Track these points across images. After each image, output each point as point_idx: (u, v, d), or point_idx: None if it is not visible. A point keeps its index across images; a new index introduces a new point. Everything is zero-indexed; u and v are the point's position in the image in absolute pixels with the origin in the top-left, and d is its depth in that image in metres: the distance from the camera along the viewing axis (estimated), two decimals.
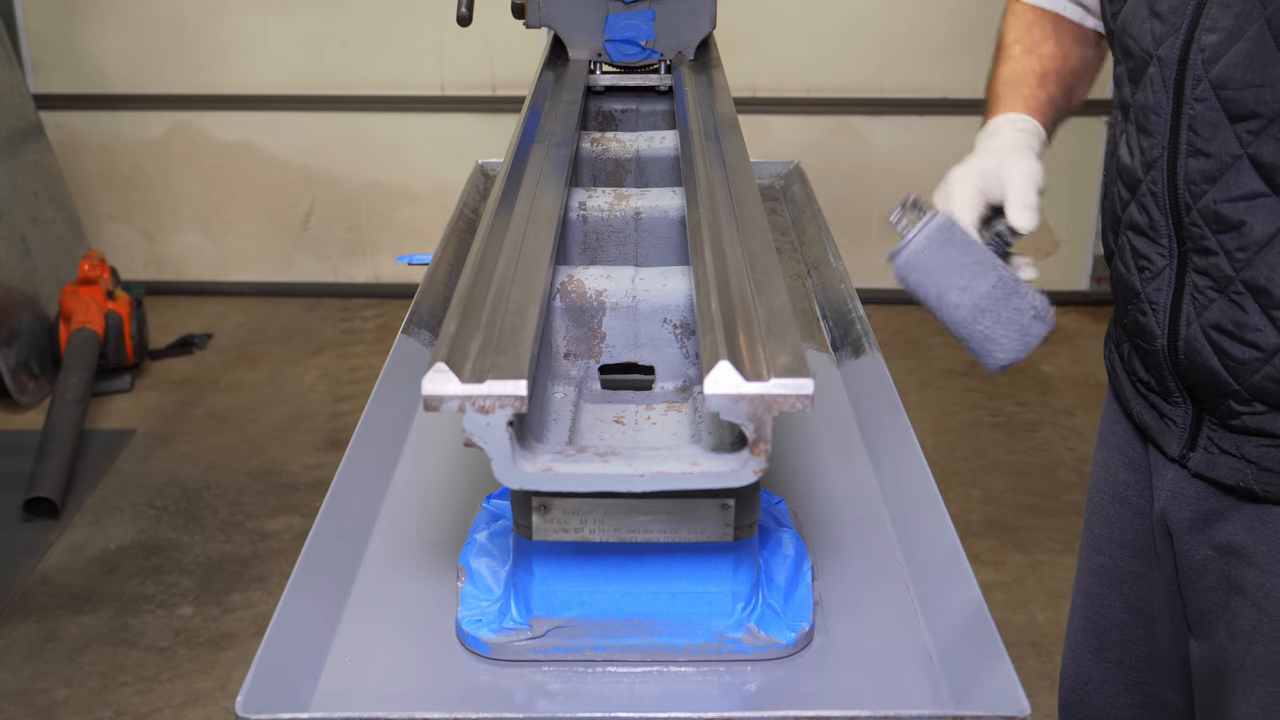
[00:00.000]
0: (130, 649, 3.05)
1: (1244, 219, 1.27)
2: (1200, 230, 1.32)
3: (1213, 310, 1.33)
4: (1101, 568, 1.67)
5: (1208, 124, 1.28)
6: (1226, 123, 1.27)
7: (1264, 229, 1.26)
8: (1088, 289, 5.19)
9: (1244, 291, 1.30)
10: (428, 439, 1.48)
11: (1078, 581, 1.73)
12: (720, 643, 1.07)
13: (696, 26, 2.06)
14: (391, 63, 5.07)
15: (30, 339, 4.44)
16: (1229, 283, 1.31)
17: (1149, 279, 1.39)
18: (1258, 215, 1.26)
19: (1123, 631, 1.65)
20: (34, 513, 3.59)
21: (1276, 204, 1.25)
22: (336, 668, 1.07)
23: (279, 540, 3.52)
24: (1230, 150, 1.27)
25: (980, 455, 3.95)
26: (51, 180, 4.84)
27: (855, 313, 1.72)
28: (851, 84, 5.02)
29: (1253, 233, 1.27)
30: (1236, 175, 1.27)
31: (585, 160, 1.79)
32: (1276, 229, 1.25)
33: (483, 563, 1.14)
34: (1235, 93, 1.25)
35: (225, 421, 4.25)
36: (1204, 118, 1.29)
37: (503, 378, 0.91)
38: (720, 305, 1.03)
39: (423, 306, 1.70)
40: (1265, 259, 1.26)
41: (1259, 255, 1.27)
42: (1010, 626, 3.10)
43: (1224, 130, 1.27)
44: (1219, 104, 1.27)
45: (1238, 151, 1.26)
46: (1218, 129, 1.27)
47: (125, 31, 5.07)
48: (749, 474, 0.93)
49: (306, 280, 5.34)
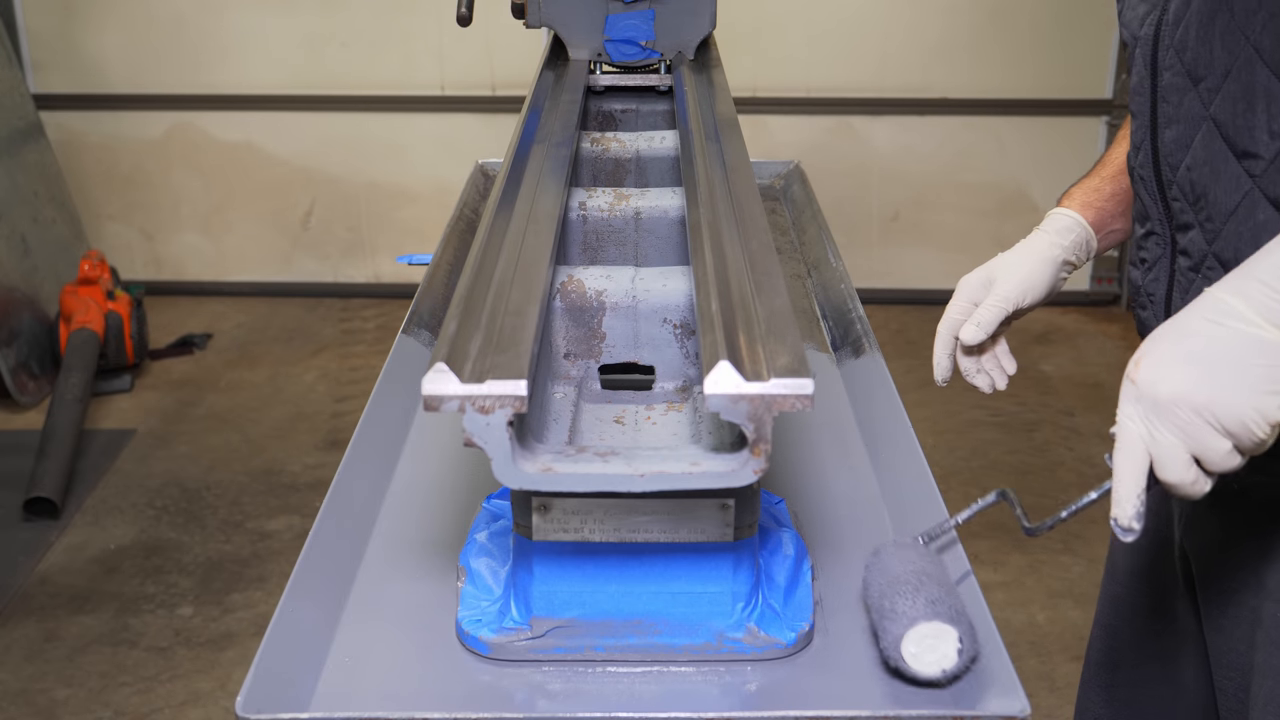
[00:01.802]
0: (130, 649, 3.05)
1: (1209, 186, 1.25)
2: (1180, 204, 1.30)
3: (1193, 293, 1.30)
4: (1118, 598, 1.61)
5: (1176, 90, 1.28)
6: (1190, 85, 1.26)
7: (1229, 197, 1.24)
8: (1088, 289, 5.19)
9: (1216, 266, 1.27)
10: (428, 439, 1.47)
11: (1097, 614, 1.67)
12: (720, 643, 1.07)
13: (696, 26, 2.06)
14: (391, 63, 5.07)
15: (30, 339, 4.44)
16: (1204, 258, 1.28)
17: (1148, 270, 1.39)
18: (1221, 182, 1.24)
19: (1135, 670, 1.59)
20: (34, 513, 3.59)
21: (1238, 169, 1.22)
22: (336, 668, 1.07)
23: (279, 540, 3.52)
24: (1196, 113, 1.26)
25: (980, 455, 3.95)
26: (51, 180, 4.84)
27: (855, 313, 1.72)
28: (851, 84, 5.02)
29: (1219, 202, 1.25)
30: (1203, 140, 1.25)
31: (585, 160, 1.79)
32: (1240, 197, 1.23)
33: (483, 563, 1.14)
34: (1192, 53, 1.25)
35: (225, 421, 4.25)
36: (1172, 85, 1.28)
37: (503, 378, 0.91)
38: (720, 305, 1.03)
39: (423, 306, 1.70)
40: (1232, 229, 1.24)
41: (1226, 226, 1.25)
42: (1010, 626, 3.10)
43: (1189, 95, 1.26)
44: (1182, 68, 1.26)
45: (1202, 114, 1.25)
46: (1185, 95, 1.26)
47: (125, 31, 5.07)
48: (749, 474, 0.93)
49: (306, 280, 5.34)
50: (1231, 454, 1.05)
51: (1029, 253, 1.48)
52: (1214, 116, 1.24)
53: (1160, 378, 1.05)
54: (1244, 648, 1.37)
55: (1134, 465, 1.07)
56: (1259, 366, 1.02)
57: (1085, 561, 3.37)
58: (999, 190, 5.12)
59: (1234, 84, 1.21)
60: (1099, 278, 5.19)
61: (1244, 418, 1.03)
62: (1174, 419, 1.04)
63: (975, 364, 1.49)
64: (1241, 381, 1.03)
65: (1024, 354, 4.71)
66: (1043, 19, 4.92)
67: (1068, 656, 3.01)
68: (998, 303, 1.44)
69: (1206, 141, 1.25)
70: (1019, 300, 1.45)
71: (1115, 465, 1.08)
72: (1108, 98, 4.97)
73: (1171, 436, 1.05)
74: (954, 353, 1.49)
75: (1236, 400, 1.03)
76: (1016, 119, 5.02)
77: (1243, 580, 1.36)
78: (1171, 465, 1.06)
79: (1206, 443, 1.04)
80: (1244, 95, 1.20)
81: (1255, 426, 1.03)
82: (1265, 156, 1.20)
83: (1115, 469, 1.08)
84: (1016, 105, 4.99)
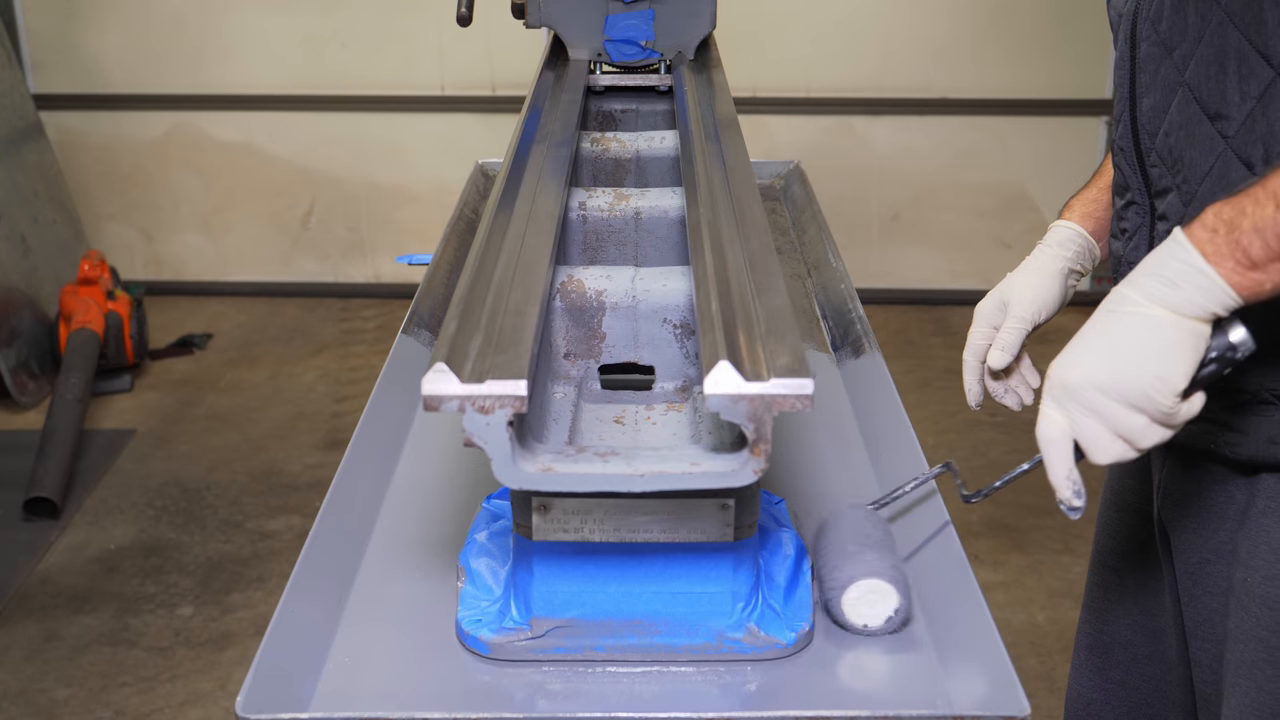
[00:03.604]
0: (130, 649, 3.05)
1: (1184, 149, 1.29)
2: (1159, 170, 1.34)
3: None
4: (1106, 581, 1.64)
5: (1152, 60, 1.32)
6: (1165, 54, 1.30)
7: (1203, 159, 1.28)
8: (1088, 289, 5.19)
9: None
10: (428, 439, 1.48)
11: (1084, 598, 1.71)
12: (720, 643, 1.07)
13: (696, 26, 2.06)
14: (391, 63, 5.07)
15: (30, 339, 4.44)
16: (1181, 219, 1.31)
17: (1128, 239, 1.42)
18: (1196, 144, 1.28)
19: (1126, 650, 1.62)
20: (34, 513, 3.59)
21: (1210, 129, 1.26)
22: (336, 668, 1.07)
23: (279, 540, 3.52)
24: (1171, 79, 1.30)
25: (980, 455, 3.95)
26: (51, 180, 4.84)
27: (855, 313, 1.72)
28: (851, 84, 5.02)
29: (1194, 164, 1.28)
30: (1179, 105, 1.29)
31: (585, 160, 1.79)
32: (1214, 159, 1.26)
33: (483, 563, 1.14)
34: (1167, 22, 1.29)
35: (225, 421, 4.25)
36: (1149, 55, 1.32)
37: (503, 378, 0.91)
38: (720, 305, 1.03)
39: (423, 306, 1.70)
40: (1207, 190, 1.27)
41: (1201, 187, 1.28)
42: (1010, 626, 3.10)
43: (1165, 62, 1.30)
44: (1158, 38, 1.30)
45: (1177, 79, 1.29)
46: (1161, 63, 1.31)
47: (125, 31, 5.07)
48: (749, 474, 0.94)
49: (306, 280, 5.34)
50: (1150, 427, 1.13)
51: (1036, 269, 1.52)
52: (1188, 81, 1.28)
53: (1068, 364, 1.15)
54: (1218, 617, 1.40)
55: (1058, 449, 1.16)
56: (1151, 343, 1.11)
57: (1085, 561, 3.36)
58: (999, 190, 5.12)
59: (1206, 48, 1.25)
60: (1098, 277, 5.19)
61: (1145, 388, 1.10)
62: (1084, 401, 1.13)
63: (1003, 385, 1.54)
64: (1138, 357, 1.11)
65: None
66: (1043, 19, 4.92)
67: (1067, 657, 3.01)
68: (1016, 324, 1.49)
69: (1181, 106, 1.29)
70: (1035, 318, 1.50)
71: (1042, 451, 1.17)
72: (1108, 98, 4.97)
73: (1088, 419, 1.14)
74: (982, 377, 1.53)
75: (1135, 374, 1.11)
76: (1017, 119, 5.02)
77: (1215, 548, 1.40)
78: (1095, 444, 1.14)
79: (1119, 419, 1.12)
80: (1216, 59, 1.24)
81: (1159, 395, 1.10)
82: (1236, 118, 1.24)
83: (1043, 456, 1.17)
84: (1017, 105, 4.99)
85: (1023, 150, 5.05)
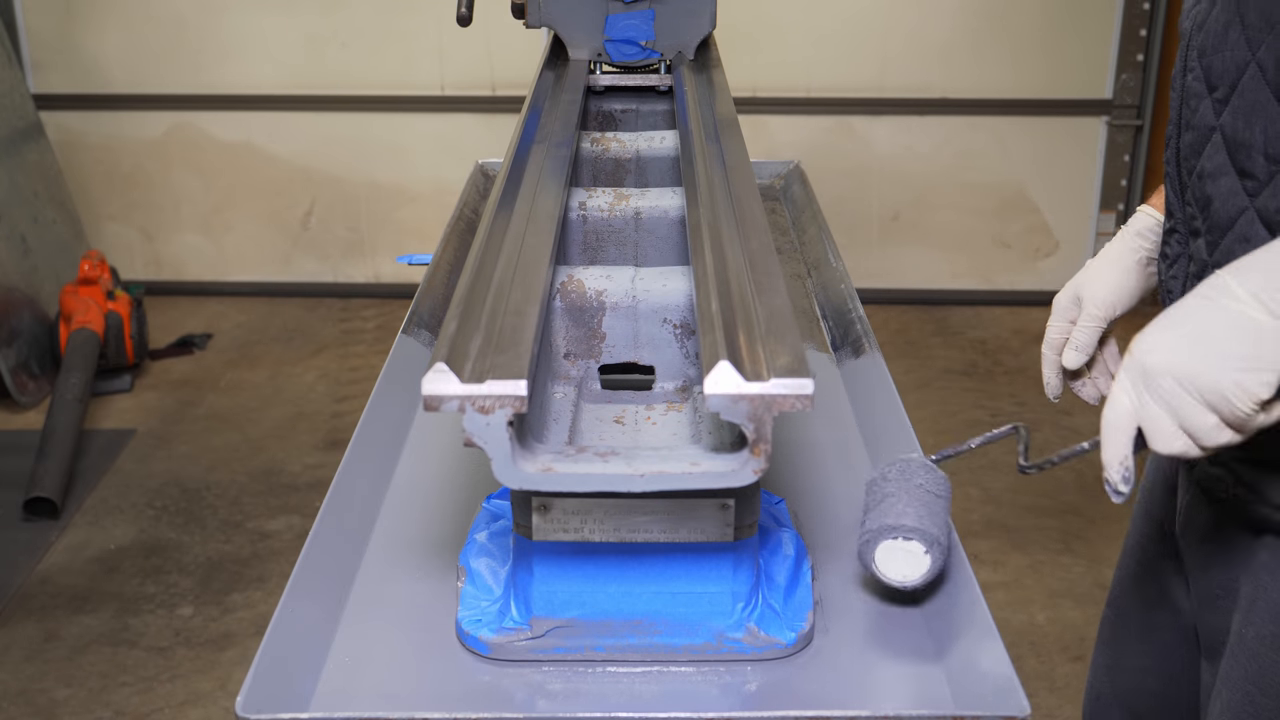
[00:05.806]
0: (130, 649, 3.05)
1: (1213, 196, 1.24)
2: (1192, 210, 1.29)
3: None
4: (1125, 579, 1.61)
5: (1195, 95, 1.26)
6: (1206, 92, 1.24)
7: (1227, 210, 1.22)
8: None
9: None
10: (428, 439, 1.48)
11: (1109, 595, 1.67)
12: (720, 643, 1.07)
13: (696, 26, 2.06)
14: (391, 63, 5.07)
15: (30, 339, 4.44)
16: (1204, 269, 1.27)
17: (1169, 265, 1.36)
18: (1221, 193, 1.23)
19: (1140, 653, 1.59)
20: (34, 513, 3.59)
21: (1237, 184, 1.21)
22: (336, 668, 1.07)
23: (279, 540, 3.52)
24: (1208, 122, 1.24)
25: (980, 455, 3.95)
26: (51, 180, 4.84)
27: (855, 313, 1.72)
28: (851, 84, 5.02)
29: (1219, 214, 1.23)
30: (1212, 149, 1.24)
31: (585, 160, 1.79)
32: (1238, 212, 1.21)
33: (483, 563, 1.14)
34: (1209, 59, 1.23)
35: (225, 421, 4.25)
36: (1193, 89, 1.27)
37: (503, 378, 0.91)
38: (720, 305, 1.03)
39: (423, 306, 1.70)
40: (1228, 245, 1.23)
41: (1224, 240, 1.23)
42: (1010, 626, 3.10)
43: (1205, 101, 1.24)
44: (1201, 72, 1.25)
45: (1213, 123, 1.23)
46: (1201, 101, 1.25)
47: (125, 31, 5.07)
48: (749, 474, 0.93)
49: (306, 280, 5.34)
50: (1219, 428, 1.06)
51: (1112, 260, 1.47)
52: (1222, 128, 1.22)
53: (1150, 348, 1.08)
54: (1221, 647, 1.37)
55: (1119, 432, 1.11)
56: (1243, 344, 1.04)
57: (1085, 562, 3.37)
58: (999, 190, 5.12)
59: (1240, 99, 1.19)
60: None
61: (1224, 391, 1.04)
62: (1159, 389, 1.07)
63: (1082, 379, 1.50)
64: (1224, 356, 1.04)
65: (1026, 354, 4.71)
66: (1043, 19, 4.92)
67: (1068, 657, 3.01)
68: (1089, 323, 1.45)
69: (1213, 152, 1.24)
70: (1109, 313, 1.45)
71: (1103, 432, 1.12)
72: (1108, 98, 4.97)
73: (1157, 407, 1.08)
74: (1060, 371, 1.49)
75: (1216, 374, 1.04)
76: (1017, 119, 5.02)
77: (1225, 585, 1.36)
78: (1158, 435, 1.09)
79: (1190, 414, 1.06)
80: (1246, 112, 1.19)
81: (1237, 400, 1.04)
82: (1260, 178, 1.19)
83: (1103, 436, 1.12)
84: (1017, 105, 4.99)
85: (1023, 150, 5.05)
